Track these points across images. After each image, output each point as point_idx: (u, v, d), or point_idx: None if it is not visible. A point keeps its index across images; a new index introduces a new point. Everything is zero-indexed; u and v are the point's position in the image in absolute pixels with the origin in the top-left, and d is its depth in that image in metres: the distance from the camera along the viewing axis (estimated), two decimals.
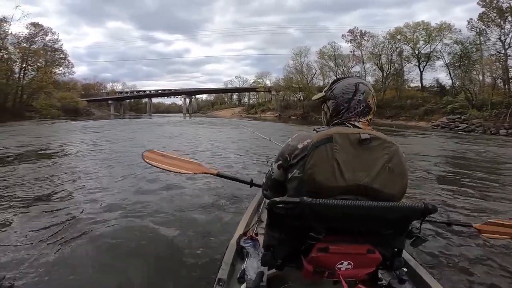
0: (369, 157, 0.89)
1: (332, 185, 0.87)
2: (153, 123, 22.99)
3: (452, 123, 22.28)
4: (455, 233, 2.65)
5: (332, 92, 1.06)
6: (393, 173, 0.89)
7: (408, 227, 0.97)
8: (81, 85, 53.91)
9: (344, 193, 0.88)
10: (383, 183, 0.89)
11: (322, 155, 0.88)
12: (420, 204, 0.89)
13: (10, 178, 4.37)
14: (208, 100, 79.59)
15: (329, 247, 0.88)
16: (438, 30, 31.01)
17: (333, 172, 0.87)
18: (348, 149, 0.89)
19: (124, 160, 6.15)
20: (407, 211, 0.90)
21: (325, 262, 0.90)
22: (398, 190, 0.91)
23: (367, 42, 37.63)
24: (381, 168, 0.89)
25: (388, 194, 0.89)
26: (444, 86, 32.47)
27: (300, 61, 43.25)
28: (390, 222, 0.91)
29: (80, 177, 4.63)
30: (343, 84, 1.05)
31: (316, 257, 0.89)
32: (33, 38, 33.64)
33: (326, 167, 0.87)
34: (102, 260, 2.07)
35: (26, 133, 13.09)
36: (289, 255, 1.00)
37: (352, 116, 1.02)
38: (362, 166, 0.88)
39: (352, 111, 1.01)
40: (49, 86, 33.09)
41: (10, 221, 2.70)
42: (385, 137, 0.93)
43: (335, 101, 1.05)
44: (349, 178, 0.87)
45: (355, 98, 1.01)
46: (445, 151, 8.53)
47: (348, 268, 0.90)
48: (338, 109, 1.04)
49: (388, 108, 30.65)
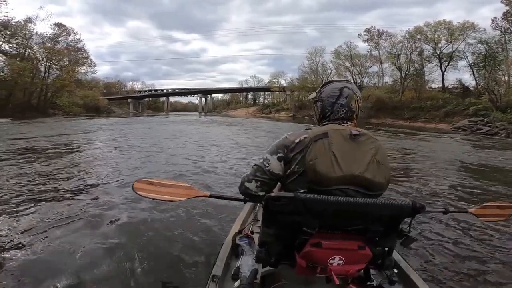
0: (360, 150, 0.98)
1: (331, 175, 0.94)
2: (169, 121, 23.40)
3: (474, 125, 21.21)
4: (449, 227, 2.80)
5: (320, 95, 1.14)
6: (380, 164, 0.98)
7: (398, 225, 1.00)
8: (103, 84, 55.93)
9: (342, 183, 0.95)
10: (373, 173, 0.97)
11: (321, 148, 0.96)
12: (409, 202, 0.93)
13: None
14: (223, 100, 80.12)
15: (321, 242, 0.92)
16: (461, 29, 29.62)
17: (331, 163, 0.94)
18: (342, 143, 0.97)
19: (129, 156, 6.34)
20: (396, 209, 0.93)
21: (317, 257, 0.93)
22: (385, 180, 1.00)
23: (384, 41, 36.57)
24: (370, 160, 0.97)
25: (378, 183, 0.98)
26: (468, 87, 31.04)
27: (315, 61, 42.94)
28: (380, 219, 0.95)
29: (90, 169, 4.88)
30: (330, 87, 1.12)
31: (309, 252, 0.93)
32: (57, 38, 35.16)
33: (325, 159, 0.94)
34: (96, 254, 2.09)
35: (46, 128, 13.77)
36: (283, 252, 1.03)
37: (337, 119, 1.09)
38: (354, 158, 0.96)
39: (335, 114, 1.09)
40: (71, 84, 34.49)
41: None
42: (370, 134, 1.03)
43: (322, 103, 1.12)
44: (345, 168, 0.94)
45: (338, 102, 1.09)
46: (462, 156, 8.17)
47: (340, 264, 0.94)
48: (324, 111, 1.12)
49: (407, 110, 29.62)
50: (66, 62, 35.75)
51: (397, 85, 34.93)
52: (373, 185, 0.97)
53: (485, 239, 2.63)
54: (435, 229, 2.77)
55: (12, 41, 29.75)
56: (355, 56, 38.91)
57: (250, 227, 1.67)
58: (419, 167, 6.16)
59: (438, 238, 2.61)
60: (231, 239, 1.52)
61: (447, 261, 2.25)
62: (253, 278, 1.16)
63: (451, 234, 2.71)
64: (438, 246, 2.47)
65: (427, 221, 2.88)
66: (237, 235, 1.55)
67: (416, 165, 6.41)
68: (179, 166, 5.35)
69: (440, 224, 2.88)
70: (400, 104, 31.10)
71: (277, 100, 56.99)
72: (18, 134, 10.77)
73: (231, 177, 4.55)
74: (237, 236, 1.54)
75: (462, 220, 2.94)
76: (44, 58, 33.76)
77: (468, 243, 2.54)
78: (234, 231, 1.62)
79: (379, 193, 1.02)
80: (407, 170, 5.69)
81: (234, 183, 3.89)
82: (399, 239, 1.04)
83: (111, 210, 2.96)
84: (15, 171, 4.61)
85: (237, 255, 1.45)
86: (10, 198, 3.30)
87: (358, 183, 0.96)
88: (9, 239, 2.30)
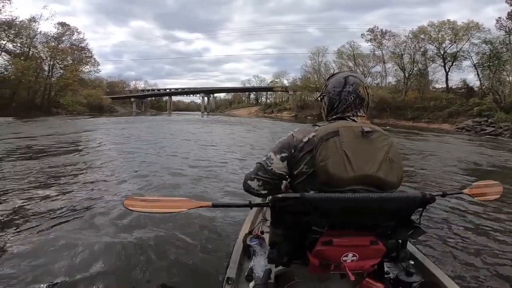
0: (372, 148, 0.95)
1: (344, 176, 0.91)
2: (171, 120, 23.47)
3: (478, 126, 21.09)
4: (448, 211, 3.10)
5: (326, 88, 1.12)
6: (392, 163, 0.95)
7: (408, 218, 0.99)
8: (106, 83, 56.15)
9: (354, 184, 0.92)
10: (385, 172, 0.94)
11: (332, 148, 0.92)
12: (418, 194, 0.93)
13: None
14: (226, 99, 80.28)
15: (332, 240, 0.91)
16: (466, 29, 29.42)
17: (344, 163, 0.91)
18: (354, 141, 0.93)
19: (130, 155, 6.35)
20: (405, 201, 0.93)
21: (330, 255, 0.93)
22: (398, 178, 0.97)
23: (388, 41, 36.35)
24: (383, 158, 0.94)
25: (390, 182, 0.95)
26: (472, 88, 30.78)
27: (318, 61, 42.78)
28: (390, 213, 0.94)
29: (96, 168, 4.89)
30: (335, 78, 1.11)
31: (321, 250, 0.92)
32: (61, 37, 35.32)
33: (337, 159, 0.91)
34: (109, 256, 2.07)
35: (48, 126, 13.85)
36: (295, 251, 1.02)
37: (347, 108, 1.06)
38: (367, 156, 0.93)
39: (344, 103, 1.06)
40: (74, 84, 34.65)
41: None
42: (382, 130, 1.00)
43: (328, 95, 1.10)
44: (357, 168, 0.91)
45: (345, 90, 1.06)
46: (466, 156, 8.12)
47: (354, 260, 0.93)
48: (332, 102, 1.09)
49: (410, 110, 29.51)
50: (70, 61, 35.94)
51: (401, 85, 34.75)
52: (385, 184, 0.94)
53: (483, 223, 2.91)
54: (435, 215, 3.00)
55: (16, 40, 29.89)
56: (358, 56, 38.74)
57: (259, 227, 1.66)
58: (423, 165, 6.13)
59: (442, 223, 2.84)
60: (242, 240, 1.52)
61: (455, 245, 2.38)
62: (267, 278, 1.16)
63: (454, 218, 2.96)
64: (444, 231, 2.67)
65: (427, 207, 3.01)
66: (247, 236, 1.54)
67: (419, 163, 6.38)
68: (180, 166, 5.29)
69: (439, 210, 3.13)
70: (403, 104, 30.94)
71: (279, 100, 56.94)
72: (20, 133, 10.84)
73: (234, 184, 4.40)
74: (248, 237, 1.54)
75: (459, 203, 3.30)
76: (48, 57, 33.96)
77: (473, 226, 2.79)
78: (244, 232, 1.61)
79: (391, 192, 0.99)
80: (411, 169, 5.66)
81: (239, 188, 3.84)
82: (408, 231, 1.02)
83: (109, 215, 2.85)
84: (12, 169, 4.62)
85: (249, 256, 1.44)
86: (7, 195, 3.33)
87: (370, 183, 0.94)
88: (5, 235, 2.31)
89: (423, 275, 1.27)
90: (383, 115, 30.45)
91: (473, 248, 2.36)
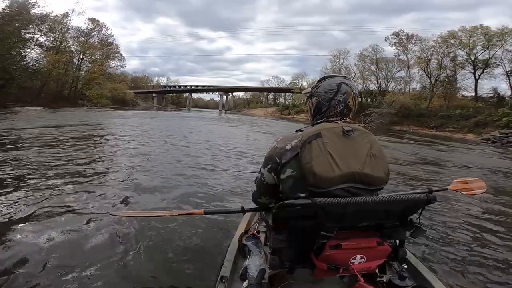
0: (355, 146, 0.96)
1: (331, 176, 0.92)
2: (190, 116, 23.82)
3: (504, 137, 19.65)
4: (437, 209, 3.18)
5: (317, 90, 1.12)
6: (376, 158, 0.97)
7: (408, 218, 1.01)
8: (131, 78, 58.23)
9: (342, 182, 0.93)
10: (371, 168, 0.95)
11: (316, 149, 0.93)
12: (423, 195, 0.94)
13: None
14: (244, 98, 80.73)
15: (341, 243, 0.92)
16: (500, 34, 27.80)
17: (329, 163, 0.92)
18: (336, 140, 0.95)
19: (140, 151, 6.39)
20: (412, 202, 0.95)
21: (338, 259, 0.94)
22: (385, 173, 0.98)
23: (414, 45, 35.02)
24: (367, 154, 0.96)
25: (377, 177, 0.96)
26: (503, 97, 28.94)
27: (339, 64, 41.99)
28: (397, 214, 0.96)
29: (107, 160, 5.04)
30: (327, 83, 1.10)
31: (329, 255, 0.93)
32: (90, 32, 37.04)
33: (322, 159, 0.92)
34: (104, 254, 2.03)
35: (73, 116, 14.42)
36: (298, 257, 1.02)
37: (333, 115, 1.07)
38: (351, 154, 0.95)
39: (332, 110, 1.07)
40: (99, 77, 36.19)
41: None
42: (362, 128, 1.02)
43: (318, 98, 1.10)
44: (343, 167, 0.92)
45: (336, 98, 1.07)
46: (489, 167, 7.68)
47: (362, 262, 0.95)
48: (320, 106, 1.10)
49: (434, 118, 28.11)
50: (98, 56, 37.56)
51: (426, 91, 33.46)
52: (373, 180, 0.95)
53: (472, 220, 3.04)
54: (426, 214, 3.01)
55: (50, 35, 31.57)
56: (381, 60, 37.66)
57: (256, 227, 1.67)
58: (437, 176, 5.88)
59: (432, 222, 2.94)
60: (238, 240, 1.53)
61: (445, 246, 2.43)
62: (261, 278, 1.18)
63: (442, 216, 3.06)
64: (435, 231, 2.73)
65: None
66: (243, 236, 1.56)
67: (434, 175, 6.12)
68: (181, 165, 5.19)
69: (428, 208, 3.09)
70: (427, 111, 29.67)
71: (297, 101, 56.49)
72: (46, 121, 11.46)
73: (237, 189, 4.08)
74: (244, 237, 1.55)
75: (445, 201, 3.40)
76: (78, 52, 35.68)
77: (462, 225, 2.90)
78: (240, 231, 1.62)
79: (380, 187, 1.00)
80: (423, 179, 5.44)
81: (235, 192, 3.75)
82: (409, 231, 1.03)
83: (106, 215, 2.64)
84: (27, 158, 4.74)
85: (244, 255, 1.45)
86: (17, 183, 3.42)
87: (359, 180, 0.94)
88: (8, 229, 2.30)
89: (416, 279, 1.27)
90: (404, 122, 29.46)
91: (458, 243, 2.49)
